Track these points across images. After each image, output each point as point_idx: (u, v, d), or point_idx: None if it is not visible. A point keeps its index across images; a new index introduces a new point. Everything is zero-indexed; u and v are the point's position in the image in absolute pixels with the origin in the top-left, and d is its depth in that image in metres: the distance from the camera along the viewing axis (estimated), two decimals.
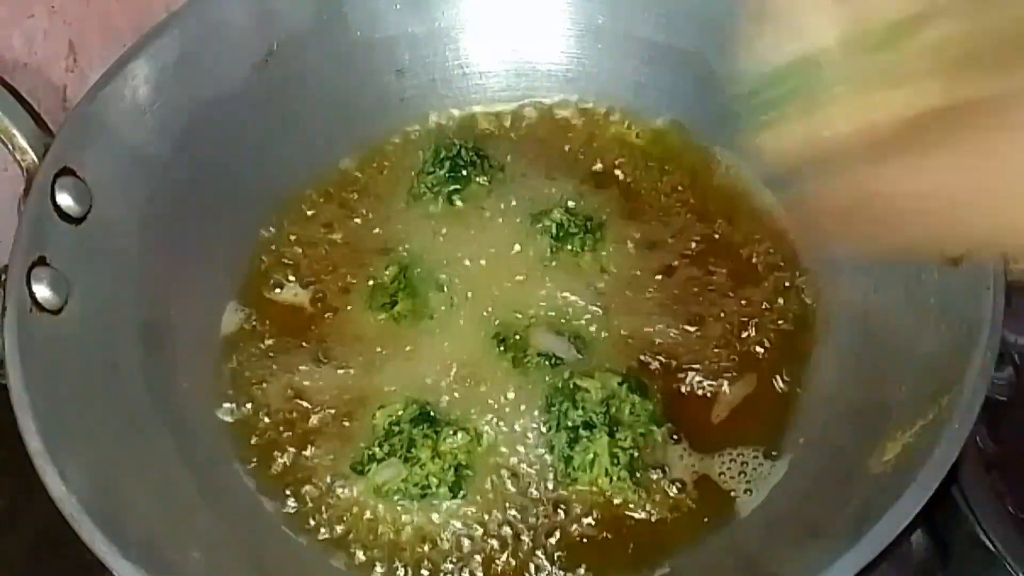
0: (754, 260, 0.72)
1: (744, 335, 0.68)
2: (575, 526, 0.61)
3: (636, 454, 0.62)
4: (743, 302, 0.69)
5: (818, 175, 0.39)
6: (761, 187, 0.74)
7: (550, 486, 0.62)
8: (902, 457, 0.53)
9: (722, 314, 0.69)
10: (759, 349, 0.67)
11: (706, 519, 0.61)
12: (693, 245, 0.72)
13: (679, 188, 0.76)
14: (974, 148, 0.35)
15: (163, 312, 0.66)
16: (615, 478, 0.61)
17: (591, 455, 0.61)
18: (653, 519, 0.61)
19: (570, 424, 0.62)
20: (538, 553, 0.60)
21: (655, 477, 0.62)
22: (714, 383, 0.66)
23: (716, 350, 0.67)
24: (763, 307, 0.69)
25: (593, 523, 0.61)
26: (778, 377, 0.66)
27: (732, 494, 0.62)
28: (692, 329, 0.68)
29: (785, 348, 0.67)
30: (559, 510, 0.62)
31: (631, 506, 0.61)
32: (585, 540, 0.61)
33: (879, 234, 0.40)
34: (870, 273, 0.66)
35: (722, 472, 0.63)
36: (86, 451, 0.55)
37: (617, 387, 0.64)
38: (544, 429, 0.64)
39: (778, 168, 0.40)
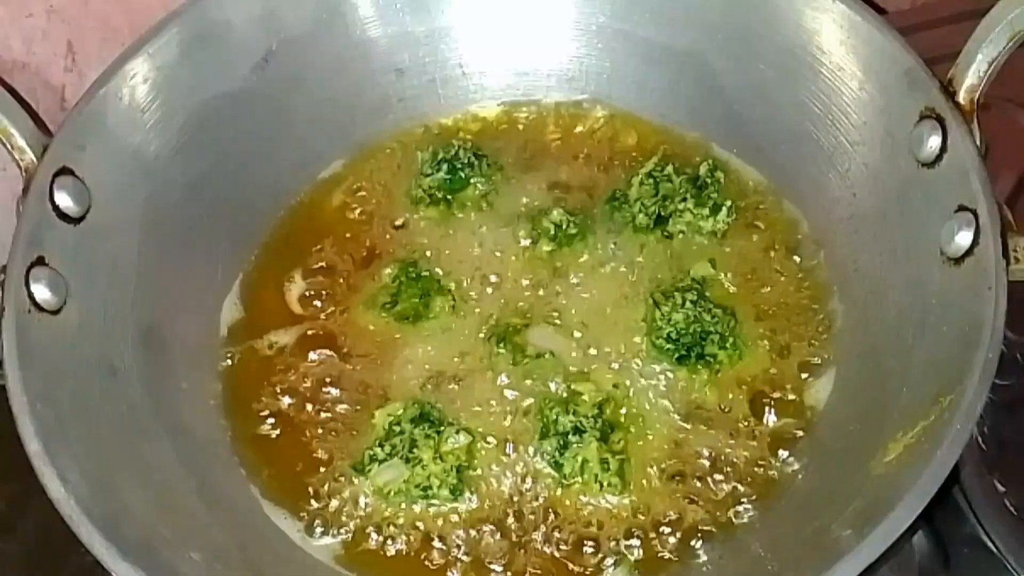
0: (762, 259, 0.71)
1: None
2: (574, 529, 0.61)
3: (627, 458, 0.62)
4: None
5: None
6: (763, 183, 0.74)
7: (547, 490, 0.62)
8: (904, 458, 0.53)
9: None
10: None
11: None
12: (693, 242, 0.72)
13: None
14: None
15: (162, 313, 0.66)
16: (606, 483, 0.61)
17: (580, 461, 0.61)
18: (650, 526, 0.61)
19: (560, 430, 0.62)
20: (538, 556, 0.60)
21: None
22: None
23: None
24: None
25: (590, 526, 0.61)
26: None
27: None
28: None
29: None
30: (557, 514, 0.62)
31: (624, 512, 0.61)
32: (582, 543, 0.61)
33: None
34: (871, 273, 0.65)
35: None
36: (85, 453, 0.55)
37: (612, 389, 0.64)
38: (537, 434, 0.63)
39: None
